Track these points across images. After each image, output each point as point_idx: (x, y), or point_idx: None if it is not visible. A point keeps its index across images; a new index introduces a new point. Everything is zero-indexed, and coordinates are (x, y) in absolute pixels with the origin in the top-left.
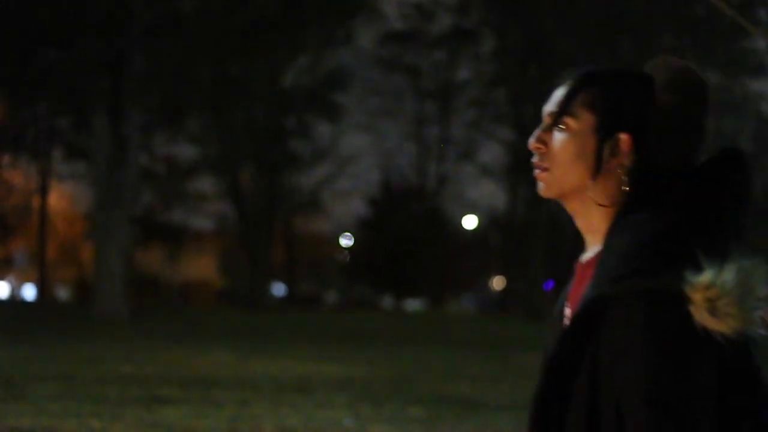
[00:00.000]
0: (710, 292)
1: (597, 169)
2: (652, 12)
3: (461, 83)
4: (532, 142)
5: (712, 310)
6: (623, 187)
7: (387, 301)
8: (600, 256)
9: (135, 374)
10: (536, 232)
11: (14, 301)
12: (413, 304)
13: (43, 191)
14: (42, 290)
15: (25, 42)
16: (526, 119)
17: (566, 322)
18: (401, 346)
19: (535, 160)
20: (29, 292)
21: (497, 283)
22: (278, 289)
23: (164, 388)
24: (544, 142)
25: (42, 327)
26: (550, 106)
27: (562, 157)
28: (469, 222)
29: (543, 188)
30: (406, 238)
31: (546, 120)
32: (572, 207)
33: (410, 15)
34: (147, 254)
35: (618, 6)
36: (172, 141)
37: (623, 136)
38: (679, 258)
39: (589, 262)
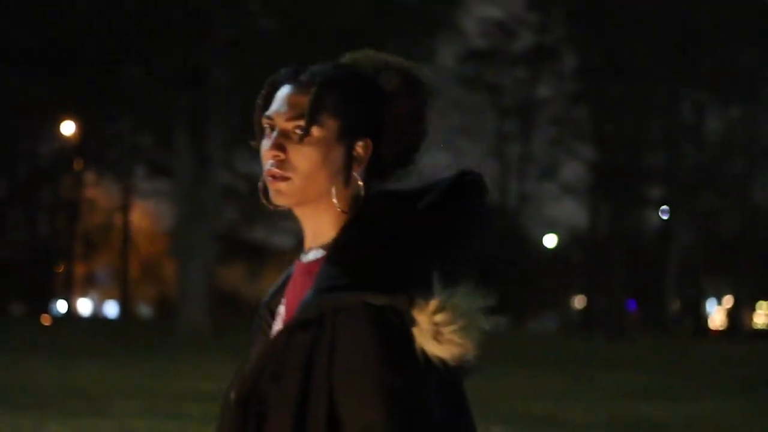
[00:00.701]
0: (438, 317)
1: (348, 175)
2: (733, 28)
3: (542, 100)
4: (268, 151)
5: (436, 335)
6: (360, 194)
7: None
8: (328, 262)
9: (217, 391)
10: (618, 250)
11: (97, 318)
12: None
13: (126, 209)
14: (124, 307)
15: (106, 59)
16: (607, 136)
17: (279, 319)
18: (483, 364)
19: (270, 168)
20: (111, 309)
21: (578, 301)
22: None
23: None
24: (283, 149)
25: (124, 343)
26: (282, 109)
27: (306, 166)
28: (550, 240)
29: (280, 197)
30: (486, 255)
31: (282, 126)
32: (303, 212)
33: (491, 33)
34: (228, 271)
35: (699, 22)
36: (255, 158)
37: (366, 141)
38: (410, 277)
39: (310, 264)
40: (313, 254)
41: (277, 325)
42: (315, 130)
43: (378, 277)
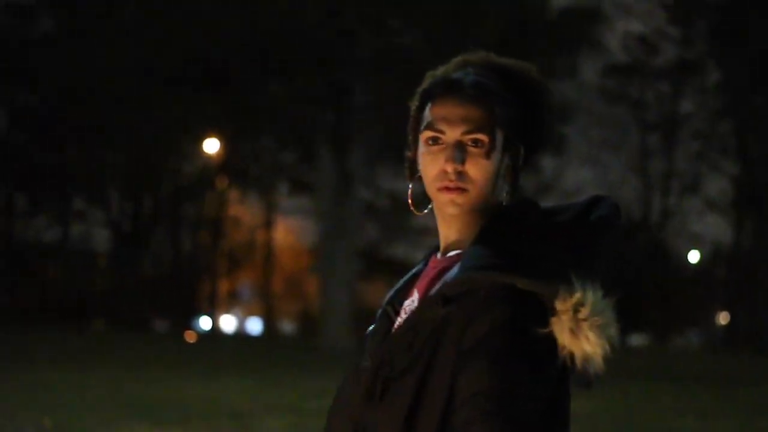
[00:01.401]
0: (581, 312)
1: (517, 182)
2: None
3: (686, 115)
4: (447, 162)
5: (575, 329)
6: (510, 197)
7: None
8: (477, 244)
9: None
10: (763, 266)
11: (240, 335)
12: (637, 339)
13: (269, 226)
14: (267, 324)
15: (249, 76)
16: (752, 151)
17: (409, 308)
18: (626, 380)
19: (447, 180)
20: (255, 325)
21: (723, 318)
22: None
23: None
24: (462, 161)
25: (269, 360)
26: (454, 121)
27: (484, 177)
28: (694, 256)
29: (454, 207)
30: (630, 272)
31: (457, 138)
32: (456, 216)
33: (633, 47)
34: (371, 288)
35: None
36: (397, 175)
37: (521, 148)
38: (555, 270)
39: (451, 258)
40: (452, 252)
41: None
42: (491, 142)
43: (527, 263)
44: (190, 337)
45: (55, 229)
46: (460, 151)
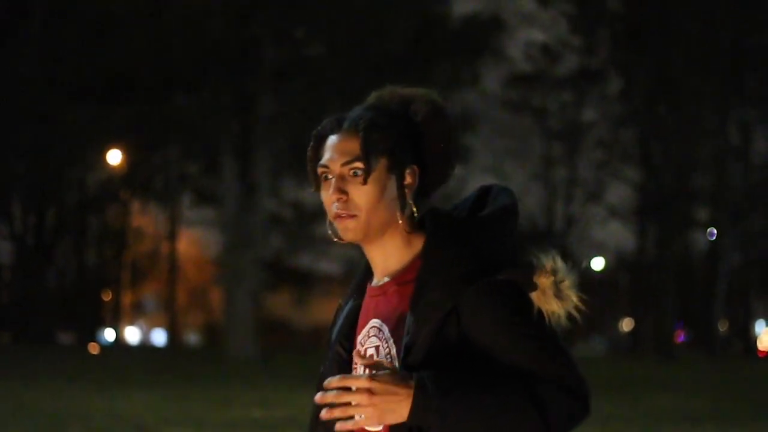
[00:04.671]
0: (557, 276)
1: (404, 202)
2: None
3: (588, 124)
4: (332, 195)
5: (557, 293)
6: (414, 215)
7: None
8: (435, 264)
9: (267, 418)
10: (666, 273)
11: (145, 347)
12: None
13: (173, 237)
14: (172, 335)
15: (154, 86)
16: (655, 159)
17: (375, 331)
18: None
19: (336, 209)
20: (159, 337)
21: (626, 324)
22: None
23: None
24: (344, 191)
25: (173, 371)
26: (335, 156)
27: (368, 202)
28: (597, 263)
29: (349, 233)
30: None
31: (338, 171)
32: (372, 244)
33: (536, 56)
34: (275, 298)
35: (745, 42)
36: (300, 185)
37: (412, 169)
38: (513, 257)
39: (390, 282)
40: (385, 278)
41: (369, 349)
42: (370, 170)
43: (491, 262)
44: (93, 349)
45: None
46: (342, 181)
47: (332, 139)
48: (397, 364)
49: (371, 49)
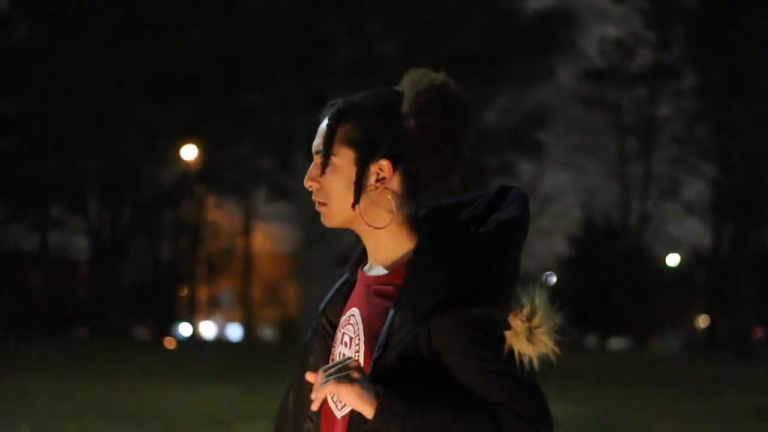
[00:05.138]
0: (532, 321)
1: (357, 198)
2: None
3: (663, 119)
4: (305, 181)
5: (530, 337)
6: (393, 210)
7: (590, 340)
8: (413, 284)
9: None
10: (742, 269)
11: (220, 341)
12: (617, 343)
13: (247, 232)
14: (247, 330)
15: (229, 83)
16: (730, 154)
17: (349, 330)
18: (607, 385)
19: (313, 196)
20: (235, 331)
21: (702, 321)
22: None
23: None
24: (316, 179)
25: (249, 366)
26: (315, 142)
27: (334, 192)
28: (673, 260)
29: (324, 219)
30: (609, 276)
31: (315, 158)
32: (359, 230)
33: (610, 52)
34: None
35: None
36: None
37: (383, 163)
38: (499, 289)
39: (378, 279)
40: (376, 270)
41: (347, 335)
42: (335, 160)
43: (479, 292)
44: (169, 344)
45: (33, 237)
46: (316, 169)
47: (321, 126)
48: (362, 362)
49: (444, 45)
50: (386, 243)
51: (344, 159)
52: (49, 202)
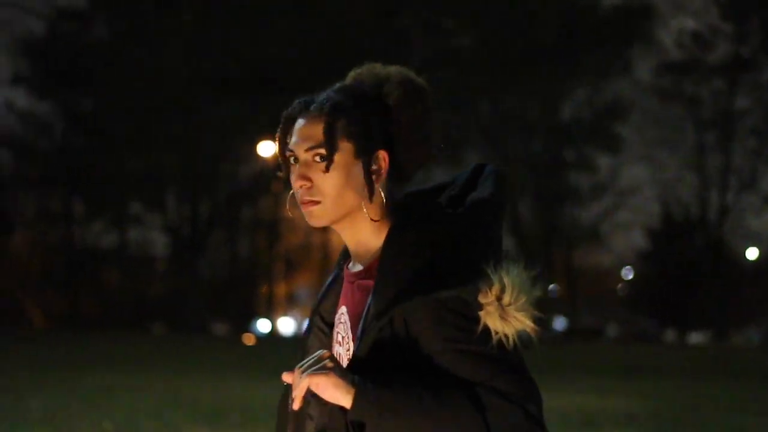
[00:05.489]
0: (504, 299)
1: (372, 189)
2: None
3: (741, 111)
4: (296, 181)
5: (503, 315)
6: (386, 201)
7: (669, 334)
8: (383, 272)
9: None
10: None
11: (298, 338)
12: (696, 337)
13: (325, 228)
14: None
15: (305, 79)
16: None
17: (341, 327)
18: (686, 379)
19: (301, 196)
20: None
21: None
22: (558, 322)
23: None
24: (308, 178)
25: None
26: (300, 141)
27: (332, 189)
28: (752, 253)
29: (314, 219)
30: (688, 269)
31: (302, 156)
32: (341, 228)
33: (687, 44)
34: None
35: None
36: (450, 173)
37: (381, 154)
38: (468, 270)
39: (358, 274)
40: (358, 265)
41: (340, 333)
42: (335, 156)
43: (446, 275)
44: (248, 340)
45: (112, 234)
46: (306, 167)
47: (299, 123)
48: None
49: (520, 39)
50: (368, 237)
51: (344, 153)
52: (128, 199)
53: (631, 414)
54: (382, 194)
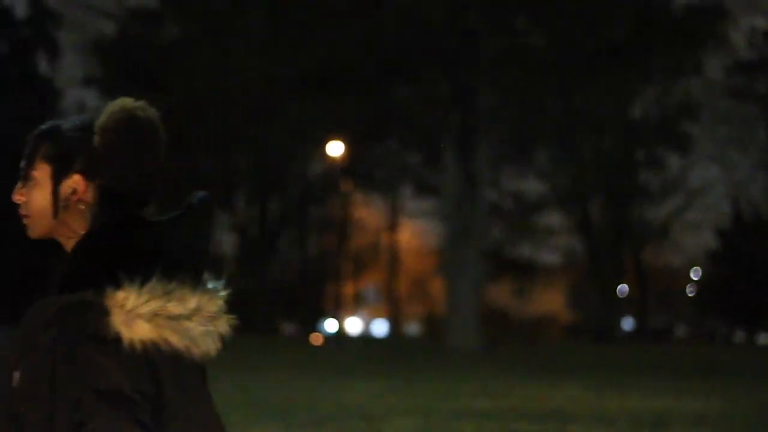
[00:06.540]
0: (126, 306)
1: (56, 209)
2: None
3: None
4: (14, 196)
5: (128, 322)
6: (86, 218)
7: (738, 335)
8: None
9: (491, 409)
10: None
11: (366, 337)
12: (766, 338)
13: (394, 228)
14: (393, 325)
15: (374, 79)
16: None
17: None
18: (757, 379)
19: (21, 210)
20: (380, 327)
21: None
22: (627, 322)
23: (520, 422)
24: (21, 194)
25: (395, 362)
26: (22, 161)
27: (35, 205)
28: None
29: (29, 231)
30: (758, 270)
31: (22, 174)
32: (61, 239)
33: (759, 43)
34: (497, 289)
35: None
36: (521, 175)
37: (75, 177)
38: (91, 279)
39: None
40: None
41: None
42: (34, 174)
43: (70, 281)
44: (316, 340)
45: None
46: (22, 185)
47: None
48: None
49: (591, 39)
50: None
51: (42, 174)
52: None
53: (702, 415)
54: (85, 212)
